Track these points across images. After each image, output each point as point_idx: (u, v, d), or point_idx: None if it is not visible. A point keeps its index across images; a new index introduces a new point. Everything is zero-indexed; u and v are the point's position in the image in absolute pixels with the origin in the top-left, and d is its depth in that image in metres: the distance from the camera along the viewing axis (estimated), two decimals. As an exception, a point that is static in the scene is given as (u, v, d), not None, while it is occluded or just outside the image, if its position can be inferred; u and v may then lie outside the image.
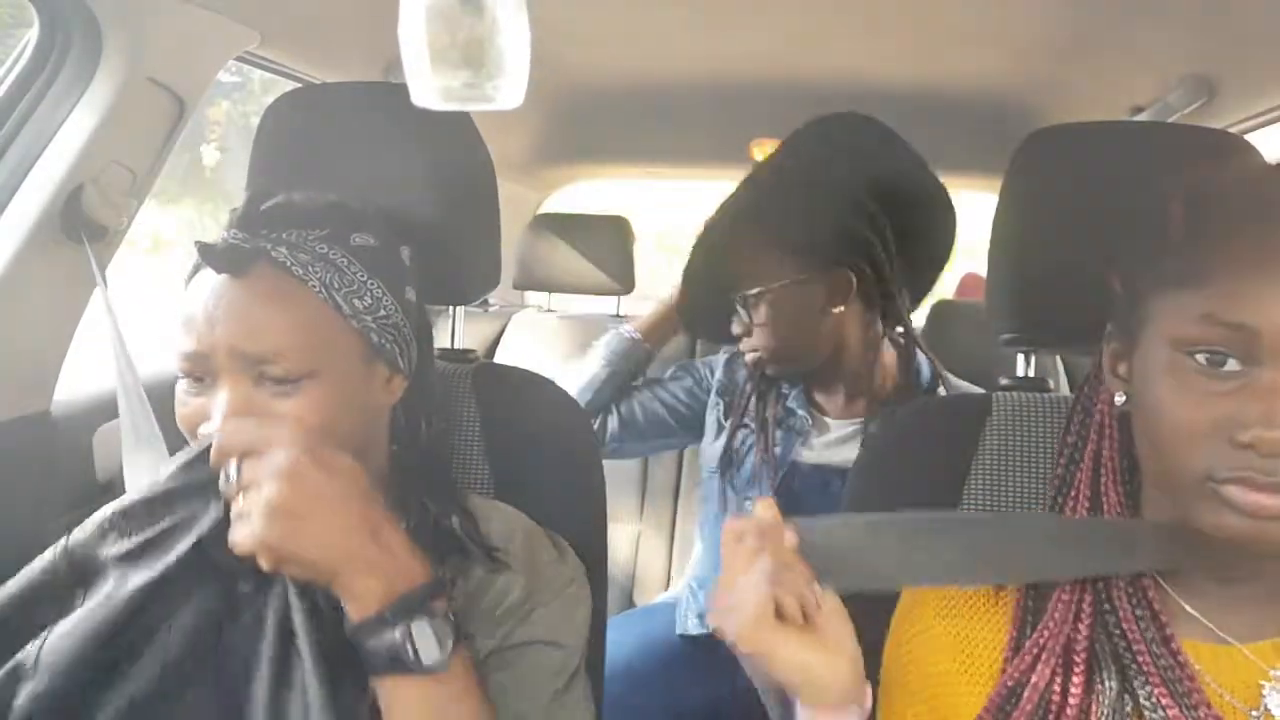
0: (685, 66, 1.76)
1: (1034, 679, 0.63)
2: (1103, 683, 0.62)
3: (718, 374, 1.52)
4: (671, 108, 1.96)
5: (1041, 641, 0.65)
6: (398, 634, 0.63)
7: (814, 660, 0.60)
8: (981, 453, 0.88)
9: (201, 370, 0.73)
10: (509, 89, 0.52)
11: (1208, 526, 0.57)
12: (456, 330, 1.13)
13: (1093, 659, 0.63)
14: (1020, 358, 1.00)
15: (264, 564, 0.62)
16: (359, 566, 0.63)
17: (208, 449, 0.66)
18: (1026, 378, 0.98)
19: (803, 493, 1.36)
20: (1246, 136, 1.23)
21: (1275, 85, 1.34)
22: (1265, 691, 0.61)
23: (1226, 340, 0.55)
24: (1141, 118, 1.54)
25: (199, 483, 0.68)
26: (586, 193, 2.86)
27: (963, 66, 1.65)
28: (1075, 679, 0.62)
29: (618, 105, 2.01)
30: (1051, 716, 0.62)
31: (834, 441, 1.38)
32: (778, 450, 1.38)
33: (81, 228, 1.06)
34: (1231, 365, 0.56)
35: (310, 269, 0.75)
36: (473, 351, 1.10)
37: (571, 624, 0.82)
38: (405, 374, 0.82)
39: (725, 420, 1.46)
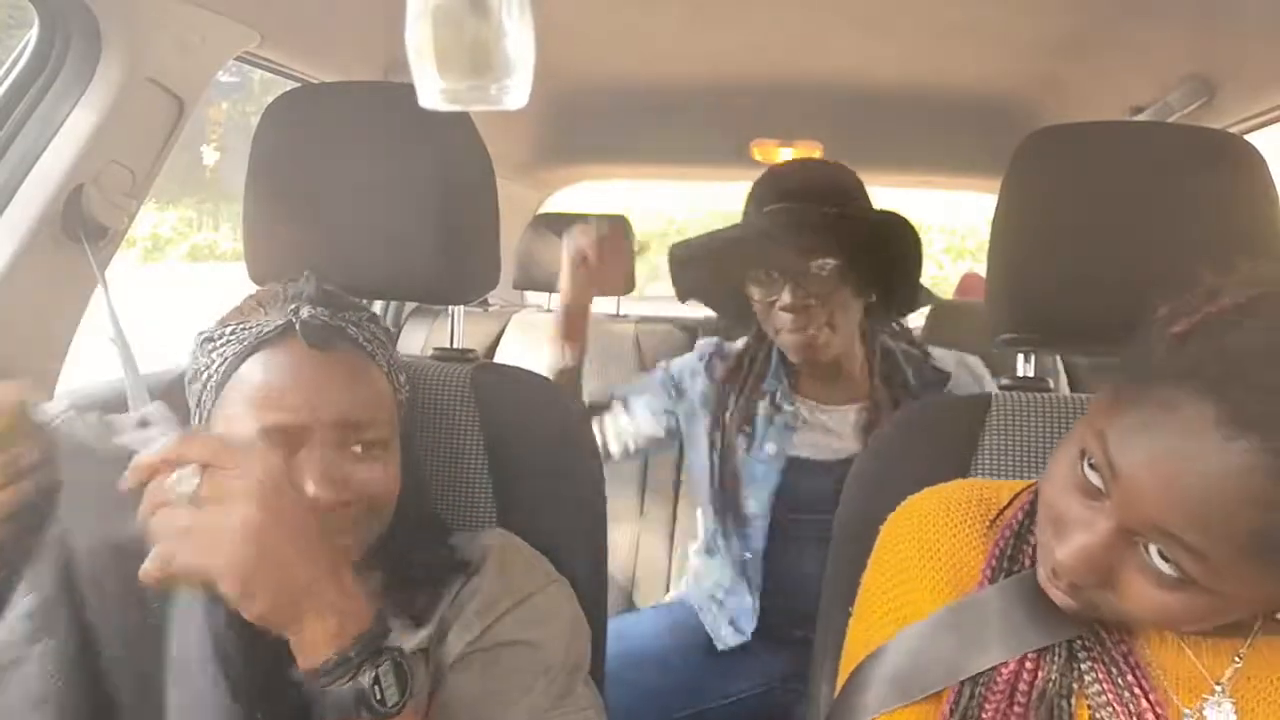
0: (685, 66, 1.76)
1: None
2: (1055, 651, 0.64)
3: (697, 385, 1.46)
4: (671, 108, 1.95)
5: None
6: (364, 676, 0.60)
7: None
8: (981, 453, 0.88)
9: (295, 443, 0.75)
10: (515, 90, 0.51)
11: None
12: (456, 330, 1.13)
13: None
14: (1020, 358, 1.00)
15: (227, 589, 0.56)
16: (321, 606, 0.59)
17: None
18: (1026, 378, 0.98)
19: (801, 487, 1.35)
20: (1246, 136, 1.23)
21: (1275, 85, 1.34)
22: (1208, 699, 0.62)
23: (1100, 464, 0.56)
24: (1141, 118, 1.54)
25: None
26: (586, 193, 2.86)
27: (963, 66, 1.65)
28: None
29: (618, 105, 2.01)
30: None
31: (829, 431, 1.37)
32: (773, 448, 1.37)
33: (81, 228, 1.06)
34: (1096, 480, 0.57)
35: (376, 346, 0.81)
36: (472, 351, 1.10)
37: (545, 626, 0.83)
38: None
39: (713, 432, 1.42)
